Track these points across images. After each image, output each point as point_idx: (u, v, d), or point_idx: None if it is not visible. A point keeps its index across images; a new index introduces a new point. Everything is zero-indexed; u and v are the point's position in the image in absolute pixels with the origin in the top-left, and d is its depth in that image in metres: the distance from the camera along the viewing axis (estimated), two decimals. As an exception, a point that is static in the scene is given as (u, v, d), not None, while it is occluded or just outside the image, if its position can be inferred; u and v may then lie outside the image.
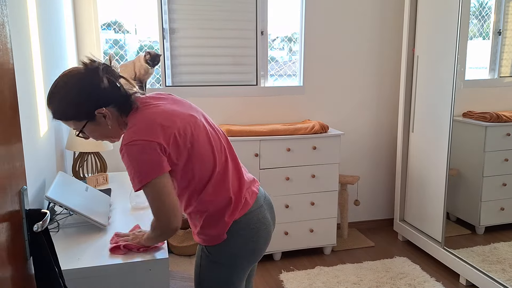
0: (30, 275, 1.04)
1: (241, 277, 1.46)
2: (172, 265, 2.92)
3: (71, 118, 1.33)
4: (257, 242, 1.44)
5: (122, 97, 1.34)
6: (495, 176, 2.65)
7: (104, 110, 1.31)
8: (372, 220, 3.72)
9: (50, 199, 1.48)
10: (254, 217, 1.44)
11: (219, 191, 1.39)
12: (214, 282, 1.44)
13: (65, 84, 1.30)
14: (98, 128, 1.35)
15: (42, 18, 1.89)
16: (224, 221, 1.39)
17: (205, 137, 1.38)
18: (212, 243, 1.41)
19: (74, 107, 1.30)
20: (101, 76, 1.30)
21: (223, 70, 3.18)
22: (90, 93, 1.29)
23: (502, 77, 2.59)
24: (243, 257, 1.43)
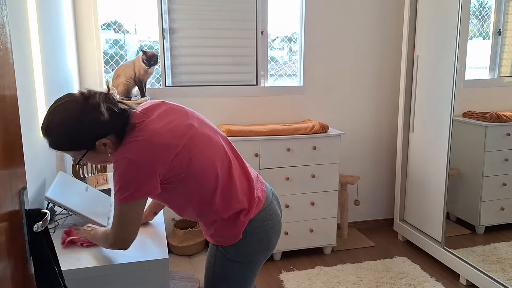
0: (30, 275, 1.04)
1: (255, 272, 1.50)
2: (172, 265, 2.92)
3: (71, 149, 1.30)
4: (270, 238, 1.48)
5: (121, 124, 1.31)
6: (495, 176, 2.66)
7: (104, 140, 1.29)
8: (372, 220, 3.72)
9: (49, 199, 1.48)
10: (267, 214, 1.47)
11: (230, 197, 1.39)
12: (229, 279, 1.46)
13: (63, 116, 1.25)
14: (97, 156, 1.33)
15: (42, 18, 1.89)
16: (240, 221, 1.41)
17: (203, 146, 1.36)
18: (227, 243, 1.44)
19: (73, 140, 1.27)
20: (101, 110, 1.25)
21: (223, 70, 3.18)
22: (90, 127, 1.26)
23: (502, 77, 2.59)
24: (258, 253, 1.46)
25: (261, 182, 1.54)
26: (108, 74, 3.01)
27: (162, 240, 1.50)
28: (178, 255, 3.08)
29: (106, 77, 3.00)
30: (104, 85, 2.97)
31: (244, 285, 1.50)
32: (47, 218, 1.02)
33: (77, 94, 1.29)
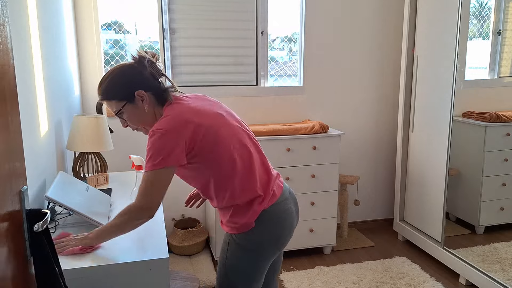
0: (30, 275, 1.04)
1: (264, 265, 1.55)
2: (172, 265, 2.93)
3: (113, 97, 1.47)
4: (282, 232, 1.54)
5: (160, 89, 1.50)
6: (495, 176, 2.66)
7: (142, 92, 1.46)
8: (372, 220, 3.72)
9: (49, 199, 1.49)
10: (281, 208, 1.54)
11: (248, 184, 1.49)
12: (240, 267, 1.53)
13: (113, 70, 1.49)
14: (135, 111, 1.48)
15: (42, 18, 1.90)
16: (254, 210, 1.49)
17: (229, 134, 1.48)
18: (241, 231, 1.51)
19: (117, 87, 1.47)
20: (145, 65, 1.48)
21: (223, 70, 3.18)
22: (132, 76, 1.47)
23: (502, 77, 2.60)
24: (269, 244, 1.52)
25: (280, 181, 1.62)
26: (108, 74, 3.02)
27: (162, 239, 1.50)
28: (178, 255, 3.08)
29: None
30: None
31: (254, 277, 1.55)
32: (48, 218, 1.02)
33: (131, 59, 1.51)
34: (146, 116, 1.49)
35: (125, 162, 3.06)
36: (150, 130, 1.39)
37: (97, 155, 2.27)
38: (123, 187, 2.12)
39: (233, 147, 1.47)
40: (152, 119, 1.50)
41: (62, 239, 1.45)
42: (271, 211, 1.52)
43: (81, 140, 2.11)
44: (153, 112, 1.50)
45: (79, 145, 2.11)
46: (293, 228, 1.60)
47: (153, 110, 1.49)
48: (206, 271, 2.83)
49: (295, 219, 1.61)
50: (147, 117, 1.49)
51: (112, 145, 2.23)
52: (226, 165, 1.46)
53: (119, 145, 3.02)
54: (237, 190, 1.48)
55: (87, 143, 2.11)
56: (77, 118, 2.12)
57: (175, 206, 3.23)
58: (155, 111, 1.50)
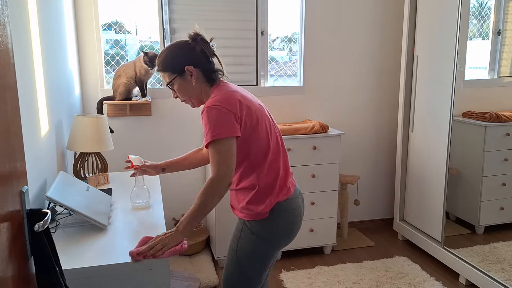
0: (31, 275, 1.05)
1: (273, 253, 1.65)
2: (173, 265, 2.93)
3: (167, 69, 1.61)
4: (292, 225, 1.64)
5: (209, 68, 1.63)
6: (495, 176, 2.66)
7: (192, 67, 1.59)
8: (372, 219, 3.72)
9: (50, 199, 1.49)
10: (293, 204, 1.65)
11: (272, 172, 1.61)
12: (250, 252, 1.61)
13: (171, 45, 1.64)
14: (184, 85, 1.61)
15: (43, 18, 1.90)
16: (270, 201, 1.59)
17: (266, 125, 1.62)
18: (255, 218, 1.60)
19: (170, 60, 1.60)
20: (198, 42, 1.61)
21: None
22: (184, 52, 1.60)
23: (502, 77, 2.60)
24: (279, 235, 1.62)
25: (294, 180, 1.74)
26: (109, 74, 3.02)
27: (162, 239, 1.50)
28: (178, 255, 3.09)
29: (107, 77, 3.01)
30: (107, 85, 2.98)
31: (264, 264, 1.64)
32: (48, 218, 1.03)
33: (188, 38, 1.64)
34: (193, 90, 1.62)
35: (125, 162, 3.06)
36: (205, 106, 1.51)
37: (98, 155, 2.28)
38: (124, 187, 2.13)
39: (269, 135, 1.61)
40: (199, 94, 1.63)
41: (155, 241, 1.41)
42: (285, 204, 1.62)
43: (81, 140, 2.11)
44: (199, 88, 1.62)
45: (80, 145, 2.11)
46: (300, 225, 1.69)
47: (200, 86, 1.62)
48: (206, 271, 2.83)
49: (302, 217, 1.71)
50: (194, 91, 1.62)
51: (112, 145, 2.24)
52: (262, 148, 1.59)
53: (120, 145, 3.03)
54: (264, 173, 1.59)
55: (88, 143, 2.11)
56: (78, 118, 2.12)
57: (175, 206, 3.24)
58: (201, 88, 1.62)
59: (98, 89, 2.95)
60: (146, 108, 3.03)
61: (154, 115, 3.07)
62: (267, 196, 1.59)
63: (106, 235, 1.55)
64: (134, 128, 3.05)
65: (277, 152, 1.64)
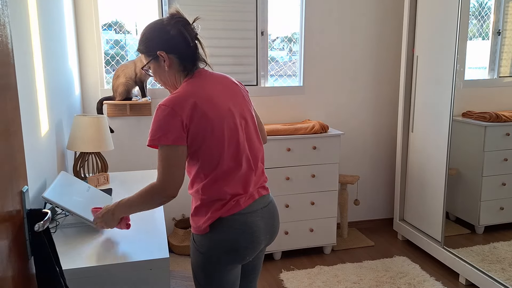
0: (31, 275, 1.05)
1: (221, 270, 1.47)
2: (173, 265, 2.93)
3: (142, 51, 1.48)
4: (236, 244, 1.44)
5: (187, 53, 1.45)
6: (495, 176, 2.66)
7: (163, 53, 1.43)
8: (372, 219, 3.72)
9: (46, 199, 1.48)
10: (241, 220, 1.45)
11: (219, 184, 1.44)
12: (198, 267, 1.49)
13: (150, 24, 1.48)
14: (158, 70, 1.48)
15: (43, 18, 1.90)
16: (211, 215, 1.44)
17: (226, 133, 1.42)
18: (197, 232, 1.47)
19: (144, 43, 1.46)
20: (174, 25, 1.43)
21: (223, 70, 3.18)
22: (158, 34, 1.44)
23: (502, 77, 2.60)
24: (219, 252, 1.44)
25: (259, 193, 1.54)
26: (109, 74, 3.02)
27: (162, 239, 1.51)
28: (178, 255, 3.09)
29: (107, 77, 3.01)
30: (107, 85, 2.98)
31: (215, 280, 1.48)
32: (48, 218, 1.03)
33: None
34: (167, 77, 1.48)
35: (125, 162, 3.07)
36: (160, 103, 1.38)
37: (98, 155, 2.28)
38: (124, 187, 2.13)
39: (225, 145, 1.42)
40: (173, 82, 1.49)
41: (97, 221, 1.50)
42: (229, 219, 1.44)
43: (81, 140, 2.11)
44: (174, 75, 1.47)
45: (80, 145, 2.11)
46: (257, 243, 1.48)
47: (174, 74, 1.47)
48: (206, 271, 2.83)
49: (262, 234, 1.50)
50: (168, 78, 1.48)
51: (112, 145, 2.24)
52: (212, 158, 1.41)
53: (120, 145, 3.03)
54: (209, 184, 1.43)
55: (88, 143, 2.12)
56: (78, 118, 2.12)
57: (175, 206, 3.24)
58: (176, 76, 1.48)
59: (98, 89, 2.95)
60: (146, 108, 3.03)
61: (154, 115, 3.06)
62: (209, 209, 1.44)
63: (106, 235, 1.55)
64: (134, 128, 3.05)
65: (235, 162, 1.44)
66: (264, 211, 1.51)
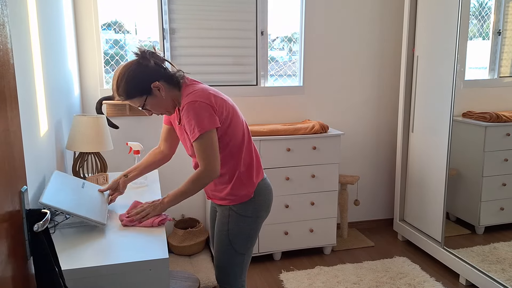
0: (30, 275, 1.04)
1: (259, 228, 1.84)
2: (173, 265, 2.93)
3: (134, 96, 1.65)
4: (270, 200, 1.86)
5: (168, 74, 1.69)
6: (495, 176, 2.66)
7: (157, 83, 1.64)
8: (372, 220, 3.72)
9: (44, 205, 1.47)
10: (267, 183, 1.86)
11: (248, 157, 1.77)
12: (241, 232, 1.78)
13: (124, 72, 1.63)
14: (156, 101, 1.67)
15: (42, 18, 1.90)
16: (253, 182, 1.77)
17: (240, 117, 1.76)
18: (241, 201, 1.76)
19: (135, 87, 1.63)
20: (147, 58, 1.65)
21: (223, 70, 3.18)
22: (143, 73, 1.64)
23: (502, 77, 2.60)
24: (263, 210, 1.82)
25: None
26: (109, 74, 3.02)
27: (162, 240, 1.50)
28: (178, 255, 3.08)
29: (106, 77, 3.00)
30: (106, 85, 2.98)
31: (253, 239, 1.82)
32: (48, 218, 1.02)
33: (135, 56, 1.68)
34: (166, 102, 1.68)
35: (124, 162, 3.06)
36: (185, 102, 1.60)
37: (97, 155, 2.27)
38: (123, 187, 2.12)
39: (242, 125, 1.75)
40: (171, 102, 1.70)
41: (139, 209, 1.66)
42: (262, 184, 1.81)
43: (81, 140, 2.11)
44: (171, 97, 1.69)
45: (79, 145, 2.11)
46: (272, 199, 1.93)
47: (170, 95, 1.68)
48: (206, 271, 2.83)
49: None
50: (167, 102, 1.68)
51: (112, 145, 2.23)
52: (240, 135, 1.72)
53: (119, 145, 3.02)
54: (243, 159, 1.74)
55: (87, 143, 2.11)
56: (77, 118, 2.12)
57: (175, 206, 3.23)
58: (172, 95, 1.69)
59: (98, 89, 2.94)
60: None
61: (153, 115, 3.06)
62: (249, 179, 1.76)
63: (105, 235, 1.55)
64: (133, 128, 3.04)
65: (249, 138, 1.79)
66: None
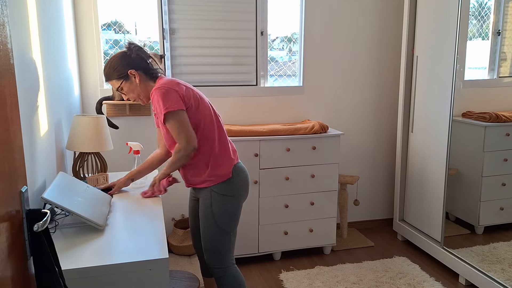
0: (30, 275, 1.05)
1: (241, 206, 1.98)
2: (172, 265, 2.93)
3: (113, 77, 1.92)
4: (248, 182, 2.01)
5: (147, 67, 1.94)
6: (495, 176, 2.66)
7: (133, 70, 1.89)
8: (372, 220, 3.72)
9: (45, 200, 1.48)
10: (243, 166, 2.01)
11: (222, 141, 1.94)
12: (225, 211, 1.92)
13: (111, 57, 1.94)
14: (131, 86, 1.92)
15: (42, 18, 1.90)
16: (230, 160, 1.94)
17: (209, 103, 1.96)
18: (221, 181, 1.91)
19: (114, 70, 1.91)
20: (132, 49, 1.91)
21: (223, 70, 3.18)
22: (124, 59, 1.91)
23: (501, 77, 2.60)
24: (243, 190, 1.97)
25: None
26: (108, 74, 3.02)
27: (162, 239, 1.50)
28: (178, 255, 3.09)
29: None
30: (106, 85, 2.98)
31: (237, 217, 1.97)
32: (47, 218, 1.02)
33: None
34: (140, 89, 1.92)
35: (125, 162, 3.06)
36: (153, 89, 1.84)
37: (97, 155, 2.28)
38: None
39: (212, 110, 1.94)
40: (145, 91, 1.93)
41: (152, 181, 1.98)
42: (239, 166, 1.98)
43: (81, 140, 2.11)
44: (145, 86, 1.93)
45: (79, 145, 2.11)
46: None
47: (144, 84, 1.93)
48: (206, 271, 2.83)
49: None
50: (141, 89, 1.93)
51: (112, 145, 2.23)
52: (210, 118, 1.90)
53: (119, 145, 3.02)
54: (217, 140, 1.91)
55: (87, 143, 2.11)
56: (77, 118, 2.12)
57: (175, 206, 3.23)
58: (146, 85, 1.93)
59: (98, 89, 2.94)
60: (146, 108, 3.02)
61: (153, 115, 3.06)
62: (226, 159, 1.93)
63: (105, 235, 1.55)
64: (133, 128, 3.04)
65: (221, 126, 1.95)
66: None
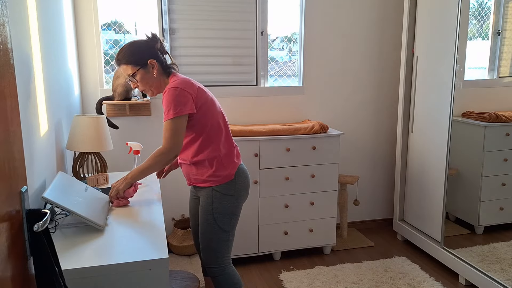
0: (30, 275, 1.05)
1: (241, 206, 2.00)
2: (172, 265, 2.93)
3: (130, 62, 1.86)
4: (249, 183, 2.03)
5: (166, 63, 1.94)
6: (494, 176, 2.66)
7: (154, 61, 1.87)
8: (372, 220, 3.72)
9: (46, 200, 1.48)
10: (245, 168, 2.03)
11: (228, 143, 1.95)
12: (225, 210, 1.93)
13: (132, 41, 1.90)
14: (146, 76, 1.89)
15: (42, 18, 1.90)
16: (234, 163, 1.95)
17: (219, 106, 1.97)
18: (223, 182, 1.92)
19: (132, 54, 1.86)
20: (156, 41, 1.91)
21: (223, 70, 3.18)
22: (147, 47, 1.89)
23: (501, 77, 2.60)
24: (244, 190, 1.99)
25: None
26: (109, 74, 3.02)
27: (162, 239, 1.50)
28: (178, 255, 3.09)
29: (106, 77, 3.00)
30: (106, 85, 2.97)
31: (236, 217, 1.98)
32: (47, 218, 1.02)
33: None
34: (154, 81, 1.90)
35: (124, 162, 3.06)
36: (167, 87, 1.82)
37: (97, 155, 2.28)
38: (123, 187, 2.12)
39: (219, 114, 1.95)
40: (158, 84, 1.91)
41: (112, 189, 1.84)
42: (242, 168, 2.00)
43: (81, 140, 2.11)
44: (159, 79, 1.91)
45: (79, 145, 2.11)
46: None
47: (159, 77, 1.91)
48: (206, 271, 2.83)
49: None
50: (155, 82, 1.90)
51: (112, 145, 2.23)
52: (217, 121, 1.91)
53: (119, 145, 3.02)
54: (222, 142, 1.92)
55: (87, 143, 2.11)
56: (77, 118, 2.12)
57: (175, 206, 3.23)
58: (161, 78, 1.91)
59: (98, 89, 2.94)
60: (146, 108, 3.02)
61: (153, 115, 3.07)
62: (230, 161, 1.93)
63: (105, 235, 1.55)
64: (133, 128, 3.04)
65: (228, 130, 1.97)
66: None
